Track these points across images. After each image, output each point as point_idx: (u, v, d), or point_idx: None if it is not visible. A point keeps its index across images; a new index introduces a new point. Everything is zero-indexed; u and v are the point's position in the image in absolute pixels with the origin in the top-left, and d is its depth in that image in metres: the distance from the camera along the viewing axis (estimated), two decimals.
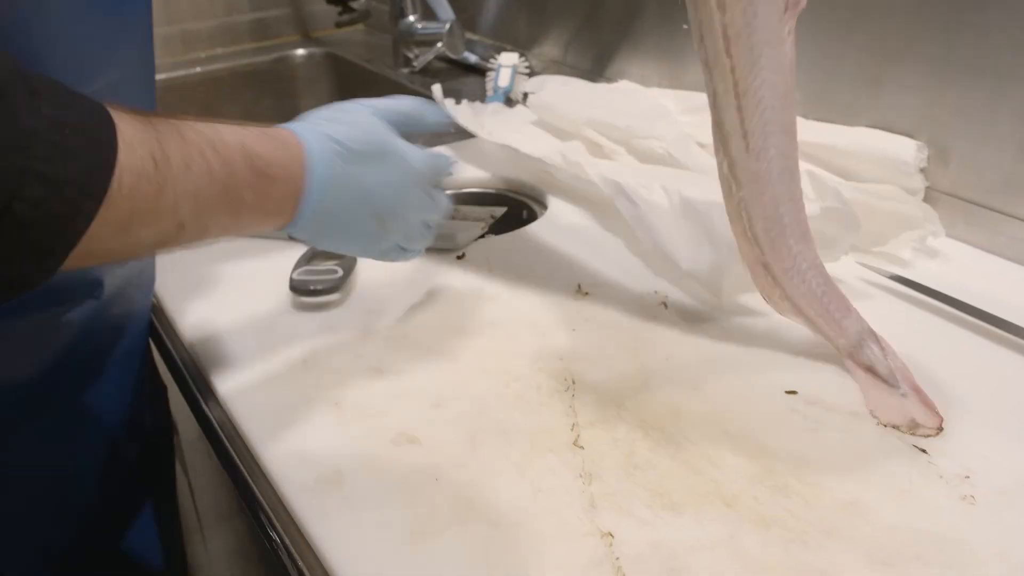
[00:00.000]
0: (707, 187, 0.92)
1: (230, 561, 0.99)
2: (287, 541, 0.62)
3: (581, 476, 0.64)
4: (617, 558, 0.57)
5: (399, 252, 0.74)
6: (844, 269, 0.90)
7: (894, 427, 0.68)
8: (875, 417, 0.67)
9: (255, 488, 0.67)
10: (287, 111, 1.93)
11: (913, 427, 0.68)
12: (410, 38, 1.71)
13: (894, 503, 0.60)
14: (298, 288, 0.88)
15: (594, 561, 0.56)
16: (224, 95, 1.87)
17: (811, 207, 0.84)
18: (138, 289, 0.83)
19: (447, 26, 1.66)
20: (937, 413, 0.67)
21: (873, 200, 0.93)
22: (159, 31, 1.17)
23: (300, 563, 0.60)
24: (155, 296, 0.90)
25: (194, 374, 0.81)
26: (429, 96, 1.26)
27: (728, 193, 0.68)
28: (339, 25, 1.82)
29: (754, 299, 0.85)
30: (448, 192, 1.18)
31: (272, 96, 1.93)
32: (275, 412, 0.73)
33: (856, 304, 0.85)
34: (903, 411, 0.68)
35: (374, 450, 0.68)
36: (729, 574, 0.55)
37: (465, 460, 0.66)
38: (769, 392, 0.64)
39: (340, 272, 0.89)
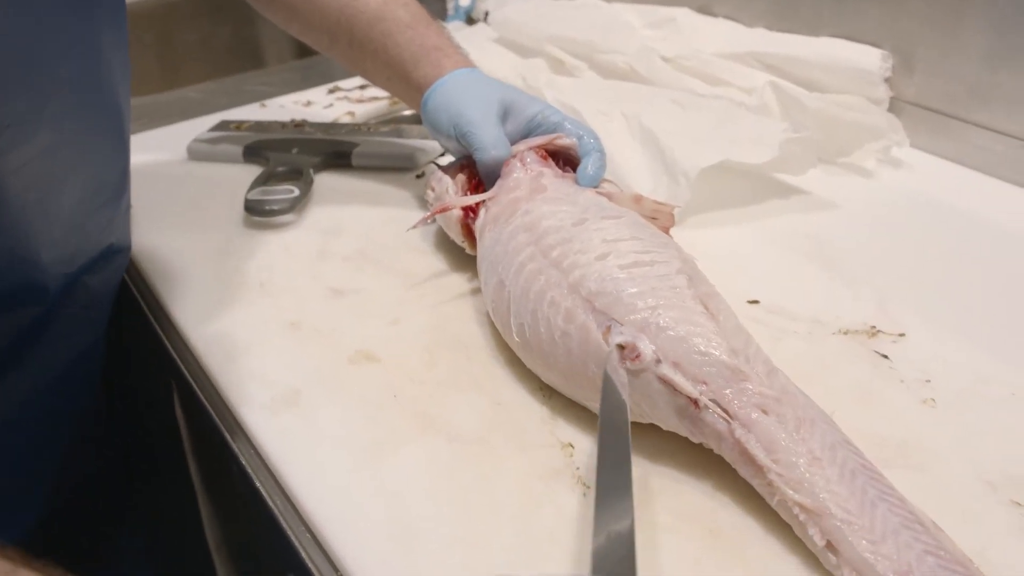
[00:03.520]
0: (667, 110, 0.91)
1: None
2: (243, 461, 0.61)
3: (541, 388, 0.63)
4: (577, 468, 0.56)
5: None
6: (810, 182, 0.89)
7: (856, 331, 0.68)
8: None
9: (210, 409, 0.66)
10: (246, 40, 1.90)
11: (874, 332, 0.67)
12: None
13: (857, 408, 0.60)
14: (254, 208, 0.86)
15: (554, 471, 0.56)
16: (181, 22, 1.82)
17: (777, 133, 0.84)
18: (97, 303, 0.77)
19: None
20: None
21: (837, 110, 0.92)
22: None
23: (257, 482, 0.59)
24: None
25: (148, 297, 0.79)
26: None
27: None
28: None
29: (709, 217, 0.84)
30: (407, 113, 1.17)
31: (231, 24, 1.87)
32: (231, 334, 0.71)
33: (824, 212, 0.85)
34: None
35: (332, 369, 0.66)
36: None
37: (424, 376, 0.65)
38: (731, 302, 0.63)
39: (296, 192, 0.87)
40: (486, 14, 1.34)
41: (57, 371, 0.74)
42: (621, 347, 0.55)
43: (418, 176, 0.95)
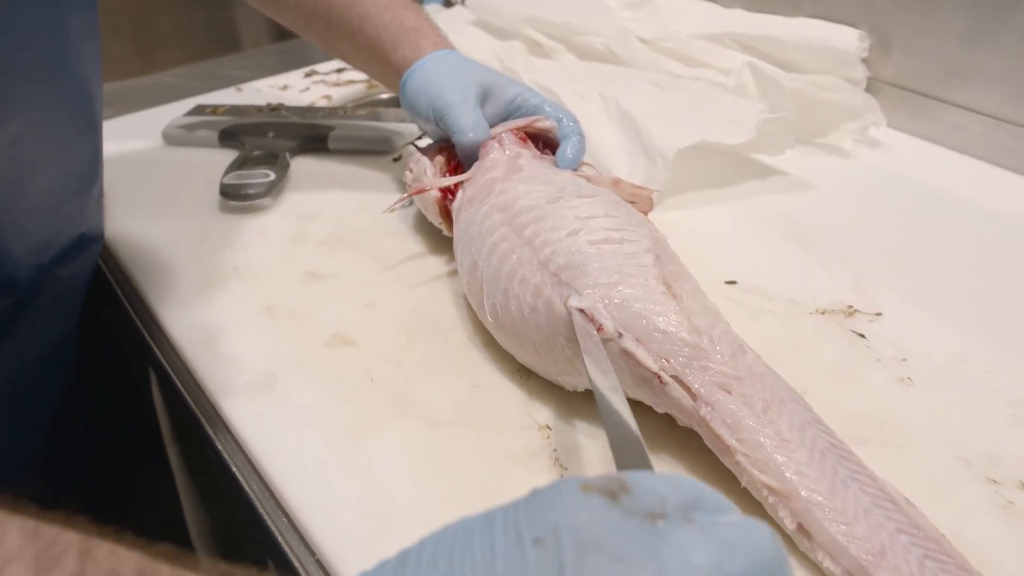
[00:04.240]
0: (645, 92, 0.91)
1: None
2: (220, 446, 0.61)
3: (518, 370, 0.63)
4: (555, 449, 0.56)
5: None
6: (788, 163, 0.89)
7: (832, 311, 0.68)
8: None
9: (186, 395, 0.65)
10: (222, 24, 1.88)
11: (851, 312, 0.67)
12: None
13: (833, 387, 0.60)
14: (229, 193, 0.85)
15: (531, 454, 0.56)
16: (156, 6, 1.80)
17: (754, 114, 0.84)
18: (69, 293, 0.76)
19: None
20: None
21: (814, 91, 0.92)
22: None
23: (233, 468, 0.59)
24: None
25: (123, 284, 0.79)
26: None
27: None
28: None
29: (687, 198, 0.84)
30: (385, 96, 1.16)
31: (207, 8, 1.86)
32: (207, 319, 0.71)
33: (801, 192, 0.85)
34: None
35: (308, 353, 0.66)
36: (668, 461, 0.55)
37: (401, 359, 0.65)
38: (709, 283, 0.63)
39: (272, 176, 0.86)
40: None
41: (30, 361, 0.73)
42: (581, 311, 0.55)
43: (395, 159, 0.95)
